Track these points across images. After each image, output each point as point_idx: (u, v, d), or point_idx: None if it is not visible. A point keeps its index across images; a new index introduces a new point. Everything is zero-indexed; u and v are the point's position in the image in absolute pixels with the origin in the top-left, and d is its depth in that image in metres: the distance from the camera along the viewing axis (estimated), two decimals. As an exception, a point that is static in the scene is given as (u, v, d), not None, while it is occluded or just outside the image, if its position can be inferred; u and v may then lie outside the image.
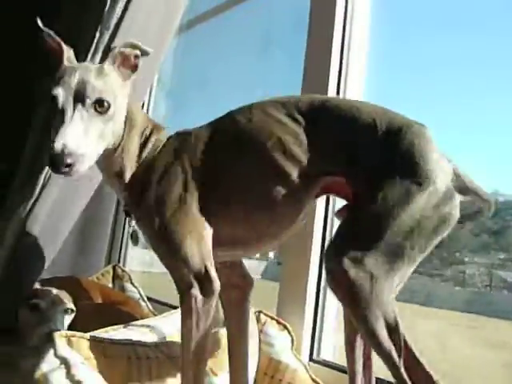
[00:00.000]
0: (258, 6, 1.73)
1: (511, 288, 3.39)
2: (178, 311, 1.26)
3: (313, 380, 1.12)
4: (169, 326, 1.20)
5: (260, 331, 1.20)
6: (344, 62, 1.31)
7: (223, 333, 1.10)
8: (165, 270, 0.93)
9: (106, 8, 1.18)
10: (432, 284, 3.53)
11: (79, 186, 1.36)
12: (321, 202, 1.22)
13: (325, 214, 1.25)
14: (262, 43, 1.88)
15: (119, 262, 2.04)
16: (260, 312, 1.22)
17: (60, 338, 0.90)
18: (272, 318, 1.21)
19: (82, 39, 1.22)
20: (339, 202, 0.99)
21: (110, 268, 1.70)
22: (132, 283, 1.64)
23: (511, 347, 2.52)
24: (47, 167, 1.22)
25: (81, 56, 1.21)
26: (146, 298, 1.62)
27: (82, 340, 0.93)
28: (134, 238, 1.05)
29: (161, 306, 1.65)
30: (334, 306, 1.26)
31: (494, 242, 3.70)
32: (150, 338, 1.11)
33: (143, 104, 2.06)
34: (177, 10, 1.38)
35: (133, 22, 1.23)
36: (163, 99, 2.21)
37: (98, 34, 1.18)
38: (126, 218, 2.10)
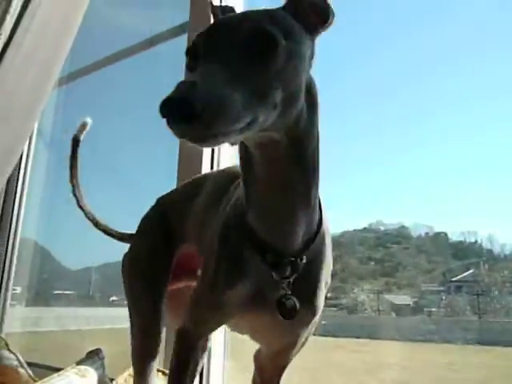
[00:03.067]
0: (142, 61, 1.79)
1: (398, 310, 3.65)
2: (59, 375, 1.22)
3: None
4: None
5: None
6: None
7: None
8: (49, 328, 0.88)
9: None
10: (329, 313, 3.68)
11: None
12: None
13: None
14: (146, 98, 1.94)
15: (-4, 324, 1.88)
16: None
17: None
18: (158, 370, 1.21)
19: None
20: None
21: (-18, 335, 1.56)
22: (9, 349, 1.52)
23: (397, 367, 2.73)
24: None
25: None
26: (25, 364, 1.51)
27: None
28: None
29: (44, 371, 1.55)
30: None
31: (379, 269, 3.98)
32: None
33: (22, 154, 1.98)
34: (57, 58, 1.38)
35: (5, 80, 1.21)
36: (44, 152, 2.15)
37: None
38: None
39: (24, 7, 1.18)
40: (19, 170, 2.02)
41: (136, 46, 1.74)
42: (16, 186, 2.03)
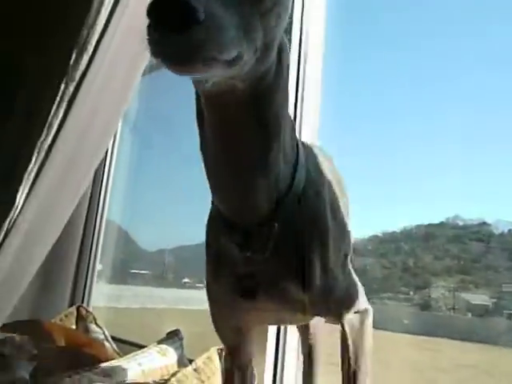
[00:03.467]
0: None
1: (474, 310, 3.47)
2: (142, 352, 1.29)
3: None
4: (133, 367, 1.21)
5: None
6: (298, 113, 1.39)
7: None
8: (127, 305, 0.92)
9: (71, 61, 1.22)
10: (401, 309, 3.58)
11: (46, 226, 1.36)
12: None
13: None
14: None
15: (83, 299, 2.03)
16: (221, 349, 1.24)
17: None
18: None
19: (48, 89, 1.26)
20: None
21: (73, 309, 1.69)
22: (96, 324, 1.64)
23: (474, 369, 2.60)
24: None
25: (46, 106, 1.24)
26: (110, 339, 1.62)
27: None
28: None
29: (125, 346, 1.66)
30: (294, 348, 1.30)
31: (456, 265, 3.80)
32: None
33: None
34: (141, 56, 1.44)
35: (98, 72, 1.27)
36: (128, 135, 2.27)
37: (63, 86, 1.22)
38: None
39: (115, 5, 1.23)
40: (106, 157, 2.14)
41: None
42: (103, 172, 2.16)
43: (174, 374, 1.17)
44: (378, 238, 4.08)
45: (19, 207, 1.22)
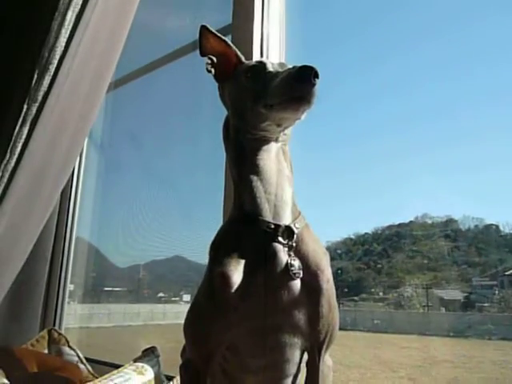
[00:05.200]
0: (187, 65, 1.82)
1: (448, 306, 3.54)
2: (118, 372, 1.27)
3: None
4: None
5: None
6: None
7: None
8: (101, 324, 0.90)
9: (33, 82, 1.21)
10: (376, 309, 3.63)
11: (14, 248, 1.33)
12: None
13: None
14: (192, 100, 1.97)
15: (55, 321, 1.98)
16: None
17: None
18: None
19: (9, 111, 1.23)
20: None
21: (45, 332, 1.64)
22: (69, 346, 1.60)
23: (450, 364, 2.65)
24: None
25: (7, 128, 1.22)
26: (84, 360, 1.58)
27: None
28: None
29: (101, 366, 1.63)
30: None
31: (427, 263, 3.87)
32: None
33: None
34: (107, 67, 1.42)
35: (61, 92, 1.26)
36: (94, 153, 2.25)
37: (25, 107, 1.21)
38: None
39: (77, 21, 1.23)
40: (73, 174, 2.11)
41: (179, 51, 1.78)
42: (70, 189, 2.13)
43: (151, 392, 1.16)
44: (350, 241, 4.12)
45: (-16, 230, 1.19)
